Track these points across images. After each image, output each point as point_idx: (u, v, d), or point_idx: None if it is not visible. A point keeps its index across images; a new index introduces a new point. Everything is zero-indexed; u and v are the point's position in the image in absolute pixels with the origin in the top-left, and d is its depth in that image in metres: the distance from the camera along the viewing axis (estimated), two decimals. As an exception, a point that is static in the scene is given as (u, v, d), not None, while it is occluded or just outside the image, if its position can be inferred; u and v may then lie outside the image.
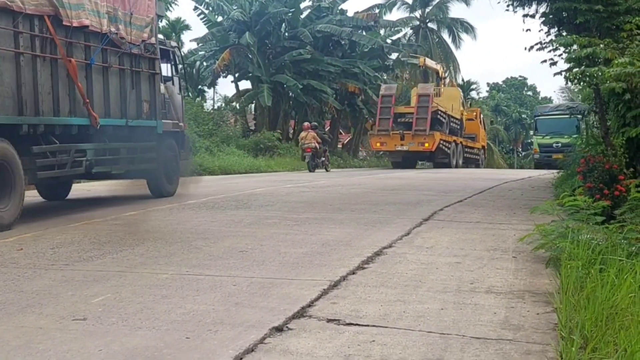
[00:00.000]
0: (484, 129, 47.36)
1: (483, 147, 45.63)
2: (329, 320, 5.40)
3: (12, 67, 10.47)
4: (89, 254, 7.95)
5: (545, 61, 13.55)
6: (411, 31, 56.40)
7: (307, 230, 9.74)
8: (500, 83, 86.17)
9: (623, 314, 5.15)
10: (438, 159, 36.35)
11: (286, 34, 39.61)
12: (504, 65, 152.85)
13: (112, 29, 12.77)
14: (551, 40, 13.32)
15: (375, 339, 4.97)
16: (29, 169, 10.88)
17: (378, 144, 36.15)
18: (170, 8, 33.07)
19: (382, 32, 45.23)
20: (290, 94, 39.38)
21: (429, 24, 57.26)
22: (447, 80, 48.06)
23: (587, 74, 10.83)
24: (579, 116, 37.00)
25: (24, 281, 6.65)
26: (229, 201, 13.48)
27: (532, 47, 13.89)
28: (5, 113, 10.30)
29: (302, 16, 40.09)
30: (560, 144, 37.33)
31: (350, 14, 42.77)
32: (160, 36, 15.90)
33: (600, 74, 10.13)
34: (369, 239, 9.06)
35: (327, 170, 31.11)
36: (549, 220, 9.00)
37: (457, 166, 37.74)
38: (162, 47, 15.16)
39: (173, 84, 16.13)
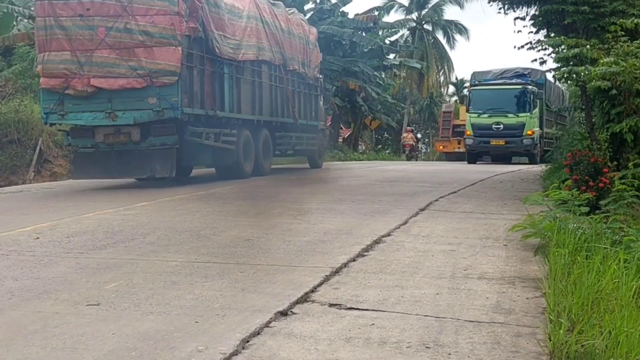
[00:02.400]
0: None
1: None
2: (331, 305, 5.40)
3: (268, 92, 18.86)
4: (102, 243, 7.94)
5: (535, 60, 13.56)
6: (408, 32, 56.37)
7: (310, 220, 9.74)
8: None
9: (608, 299, 5.16)
10: None
11: (290, 34, 39.54)
12: (496, 65, 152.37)
13: (302, 70, 21.21)
14: (540, 41, 13.30)
15: (375, 322, 4.98)
16: (273, 146, 19.51)
17: (441, 147, 40.78)
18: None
19: (380, 33, 45.09)
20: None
21: (425, 26, 57.18)
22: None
23: (575, 72, 10.82)
24: (530, 87, 30.45)
25: (40, 268, 6.65)
26: (235, 192, 13.48)
27: (522, 47, 13.88)
28: (267, 115, 18.82)
29: (306, 18, 40.02)
30: (501, 126, 29.33)
31: (350, 16, 42.60)
32: None
33: (587, 72, 10.11)
34: (369, 228, 9.05)
35: (416, 160, 39.86)
36: (538, 210, 8.99)
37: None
38: None
39: (320, 100, 23.81)
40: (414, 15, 56.80)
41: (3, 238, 8.30)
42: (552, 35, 13.28)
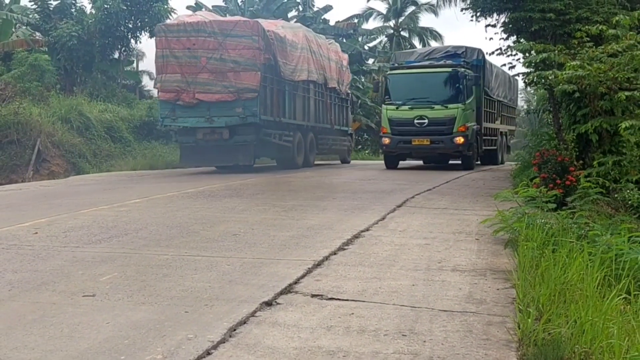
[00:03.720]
0: None
1: None
2: (313, 296, 5.41)
3: (313, 104, 23.09)
4: (97, 237, 7.91)
5: (505, 65, 13.61)
6: (386, 39, 56.25)
7: (294, 216, 9.73)
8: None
9: (573, 290, 5.19)
10: None
11: (275, 41, 39.41)
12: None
13: (338, 87, 25.37)
14: (510, 47, 13.36)
15: (354, 312, 4.98)
16: (316, 145, 23.61)
17: None
18: (170, 16, 32.79)
19: (360, 39, 45.13)
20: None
21: (402, 32, 57.07)
22: None
23: (543, 76, 10.86)
24: (463, 70, 21.90)
25: (38, 262, 6.62)
26: (223, 190, 13.45)
27: (493, 52, 13.95)
28: (313, 121, 23.04)
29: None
30: (426, 121, 21.06)
31: (331, 23, 42.62)
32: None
33: (554, 76, 10.15)
34: (349, 223, 9.05)
35: None
36: (508, 206, 9.02)
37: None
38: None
39: (349, 110, 27.86)
40: (392, 23, 56.74)
41: (3, 233, 8.25)
42: (522, 41, 13.33)
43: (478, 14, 15.09)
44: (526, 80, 12.55)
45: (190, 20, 19.58)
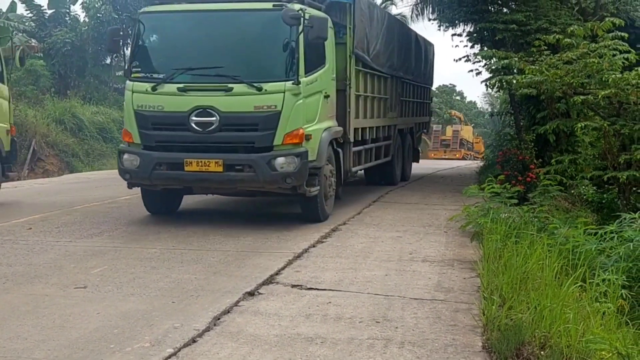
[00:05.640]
0: (483, 147, 49.99)
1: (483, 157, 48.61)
2: (293, 286, 5.39)
3: None
4: (89, 232, 7.82)
5: (471, 71, 13.64)
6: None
7: (276, 211, 9.69)
8: (434, 90, 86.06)
9: (534, 278, 5.20)
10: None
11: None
12: (437, 75, 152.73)
13: None
14: (475, 54, 13.41)
15: (332, 300, 4.97)
16: None
17: (432, 154, 44.00)
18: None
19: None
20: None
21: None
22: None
23: (504, 81, 10.90)
24: (298, 8, 8.04)
25: (32, 255, 6.53)
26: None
27: (460, 59, 13.98)
28: None
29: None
30: (215, 118, 7.78)
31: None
32: None
33: (514, 81, 10.19)
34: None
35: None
36: (474, 202, 9.04)
37: None
38: None
39: None
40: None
41: (-1, 228, 8.14)
42: (485, 49, 13.38)
43: (445, 24, 15.15)
44: (490, 85, 12.59)
45: None
